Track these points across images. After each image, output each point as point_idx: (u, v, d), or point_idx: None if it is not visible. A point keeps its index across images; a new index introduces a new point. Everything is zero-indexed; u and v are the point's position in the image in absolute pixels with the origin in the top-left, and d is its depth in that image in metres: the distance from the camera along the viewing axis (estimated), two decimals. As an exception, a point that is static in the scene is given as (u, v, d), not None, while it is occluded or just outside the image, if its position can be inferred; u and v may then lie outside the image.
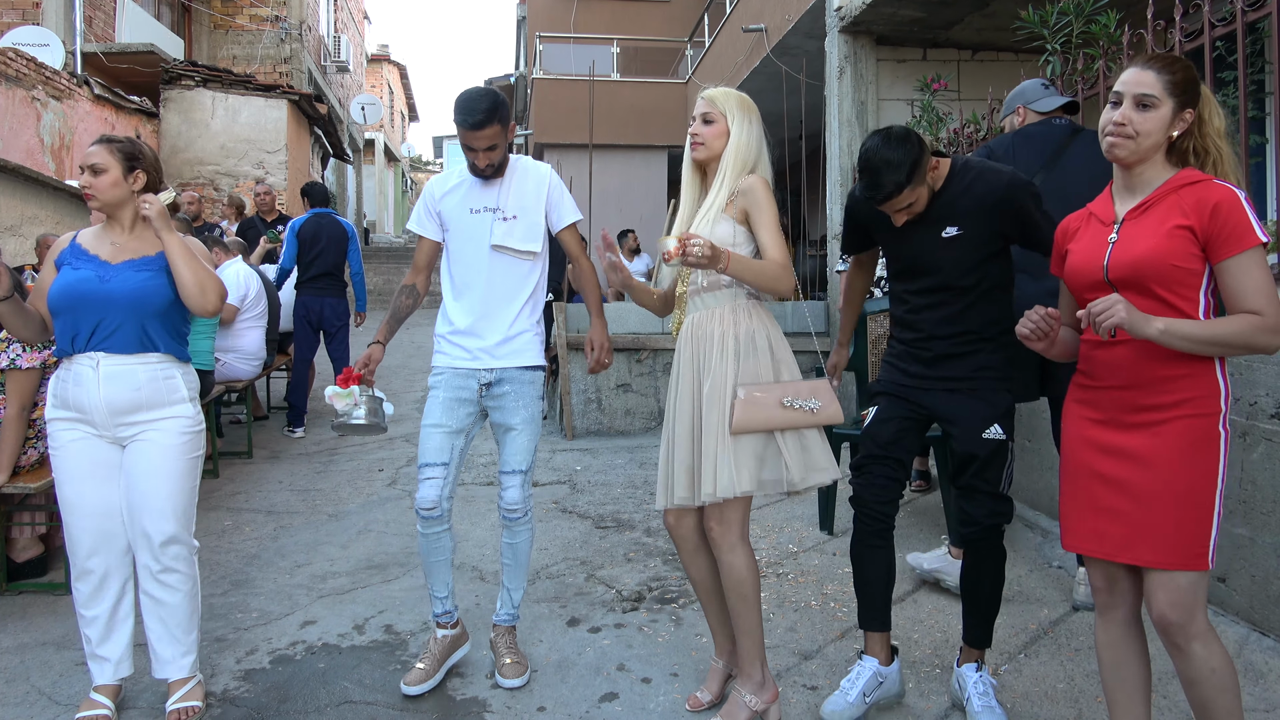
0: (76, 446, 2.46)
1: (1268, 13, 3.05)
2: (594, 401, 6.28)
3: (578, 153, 13.11)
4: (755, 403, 2.27)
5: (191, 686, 2.51)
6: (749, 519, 2.41)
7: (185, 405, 2.52)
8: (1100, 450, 1.92)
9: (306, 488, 4.95)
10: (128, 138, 2.58)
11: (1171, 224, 1.79)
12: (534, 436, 2.73)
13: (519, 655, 2.75)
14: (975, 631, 2.46)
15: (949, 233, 2.33)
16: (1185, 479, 1.81)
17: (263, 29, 14.29)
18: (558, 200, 2.76)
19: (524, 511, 2.72)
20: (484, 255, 2.68)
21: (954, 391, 2.39)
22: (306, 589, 3.47)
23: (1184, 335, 1.75)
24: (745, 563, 2.36)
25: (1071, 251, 1.98)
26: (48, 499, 3.57)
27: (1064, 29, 4.18)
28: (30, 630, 3.09)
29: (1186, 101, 1.82)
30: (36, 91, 8.42)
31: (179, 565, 2.48)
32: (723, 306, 2.39)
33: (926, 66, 6.75)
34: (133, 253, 2.51)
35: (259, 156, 11.08)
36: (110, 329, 2.42)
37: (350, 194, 21.23)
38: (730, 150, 2.39)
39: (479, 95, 2.57)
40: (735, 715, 2.39)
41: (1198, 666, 1.80)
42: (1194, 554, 1.80)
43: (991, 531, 2.39)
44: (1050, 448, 3.89)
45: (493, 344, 2.68)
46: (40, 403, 3.38)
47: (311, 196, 6.51)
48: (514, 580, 2.80)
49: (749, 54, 9.69)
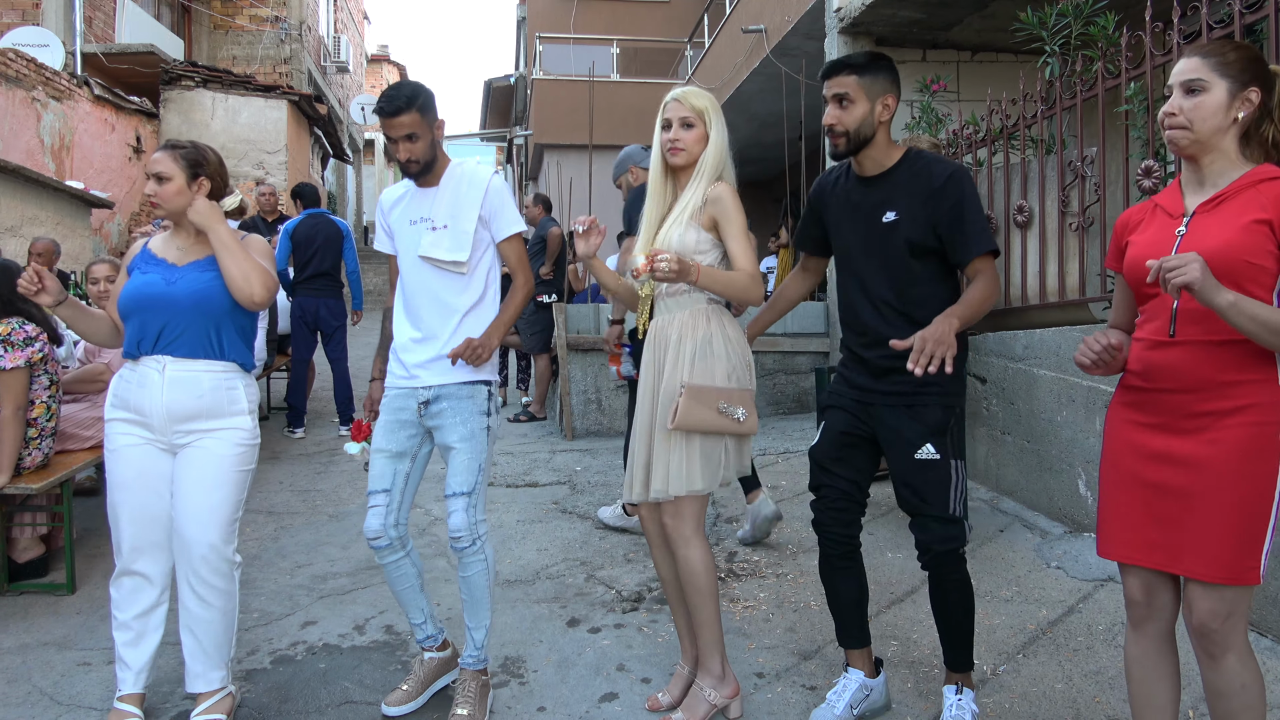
0: (131, 452, 2.45)
1: (1265, 15, 3.06)
2: (594, 402, 6.29)
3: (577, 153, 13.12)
4: (696, 401, 2.31)
5: (218, 699, 2.46)
6: (705, 515, 2.47)
7: (244, 417, 2.49)
8: (1149, 457, 1.83)
9: (307, 488, 4.96)
10: (192, 143, 2.56)
11: (1249, 218, 1.70)
12: (476, 455, 2.48)
13: (474, 707, 2.46)
14: (950, 654, 2.37)
15: (888, 217, 2.30)
16: (1240, 489, 1.72)
17: (262, 29, 14.30)
18: (497, 209, 2.56)
19: (471, 539, 2.45)
20: (418, 267, 2.54)
21: (893, 407, 2.30)
22: (307, 589, 3.48)
23: (1252, 315, 1.63)
24: (700, 556, 2.39)
25: (1133, 243, 1.88)
26: (49, 500, 3.59)
27: (1062, 31, 4.19)
28: (32, 631, 3.10)
29: (1247, 81, 1.73)
30: (36, 92, 8.43)
31: (217, 580, 2.43)
32: (683, 311, 2.43)
33: (926, 67, 6.76)
34: (197, 255, 2.52)
35: (259, 157, 11.10)
36: (176, 332, 2.42)
37: (350, 194, 21.25)
38: (709, 155, 2.41)
39: (400, 84, 2.47)
40: (696, 710, 2.42)
41: (1229, 680, 1.74)
42: (1245, 567, 1.71)
43: (948, 557, 2.29)
44: (1049, 448, 3.90)
45: (427, 359, 2.51)
46: (36, 403, 3.39)
47: (304, 198, 6.53)
48: (475, 618, 2.53)
49: (749, 55, 9.70)
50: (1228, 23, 3.19)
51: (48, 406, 3.45)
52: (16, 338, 3.25)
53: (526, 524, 4.27)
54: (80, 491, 4.52)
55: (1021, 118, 4.35)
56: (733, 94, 10.41)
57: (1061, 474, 3.83)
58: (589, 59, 14.11)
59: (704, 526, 2.45)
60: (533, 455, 5.66)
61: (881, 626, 3.05)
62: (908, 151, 2.35)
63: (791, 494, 4.59)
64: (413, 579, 2.58)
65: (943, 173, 2.26)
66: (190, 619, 2.44)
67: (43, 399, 3.43)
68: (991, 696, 2.58)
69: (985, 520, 4.02)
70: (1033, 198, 4.26)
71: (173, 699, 2.63)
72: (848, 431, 2.39)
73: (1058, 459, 3.86)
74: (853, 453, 2.39)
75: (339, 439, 6.13)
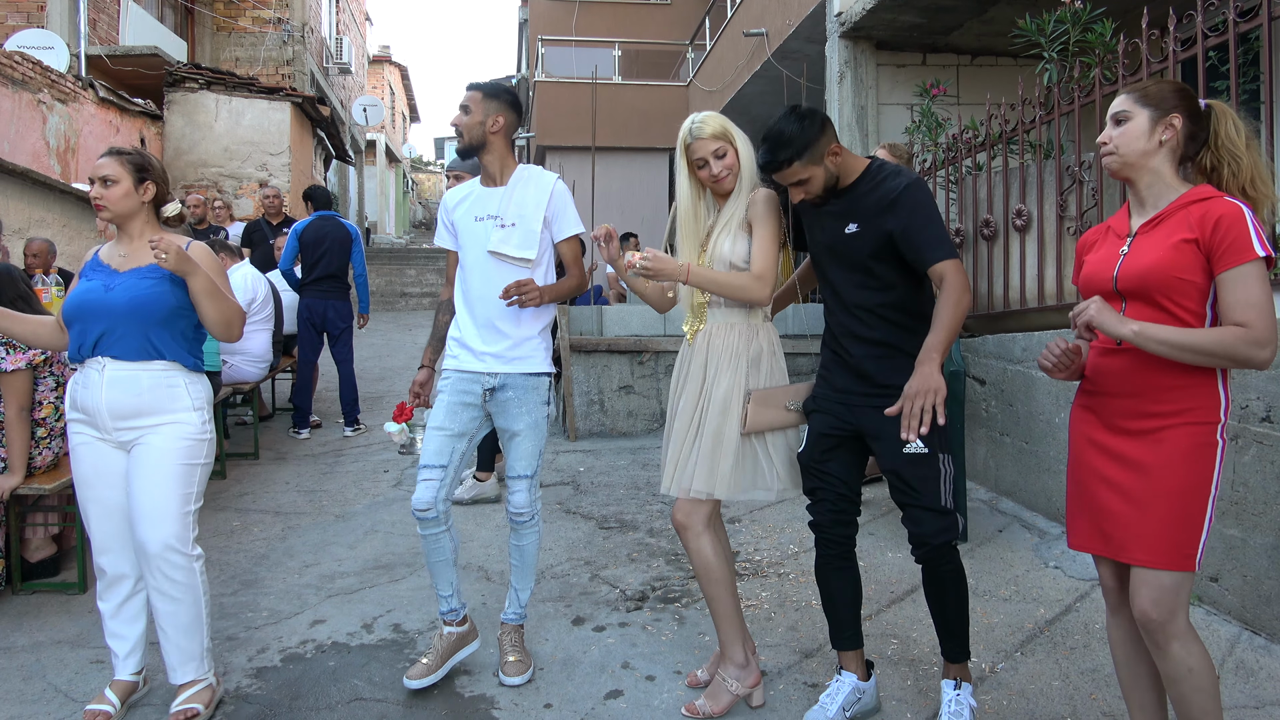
0: (84, 450, 2.53)
1: (1259, 23, 3.10)
2: (596, 403, 6.34)
3: (580, 155, 13.17)
4: (763, 405, 2.47)
5: (198, 690, 2.52)
6: (716, 512, 2.60)
7: (189, 414, 2.52)
8: (1104, 453, 1.97)
9: (313, 488, 5.01)
10: (136, 149, 2.63)
11: (1178, 237, 1.85)
12: (538, 441, 2.76)
13: (523, 654, 2.80)
14: (947, 645, 2.42)
15: (850, 229, 2.36)
16: (1179, 482, 1.85)
17: (265, 31, 14.34)
18: (560, 210, 2.79)
19: (530, 515, 2.78)
20: (484, 261, 2.73)
21: (878, 407, 2.32)
22: (315, 589, 3.52)
23: (1159, 339, 1.80)
24: (711, 548, 2.52)
25: (1087, 262, 2.05)
26: (60, 500, 3.63)
27: (1061, 37, 4.23)
28: (45, 629, 3.15)
29: (1168, 109, 1.90)
30: (42, 95, 8.48)
31: (176, 574, 2.46)
32: (739, 321, 2.54)
33: (926, 71, 6.81)
34: (138, 262, 2.54)
35: (262, 159, 11.13)
36: (115, 337, 2.47)
37: (352, 195, 21.28)
38: (746, 167, 2.52)
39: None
40: (718, 698, 2.52)
41: (1175, 665, 1.85)
42: (1182, 555, 1.84)
43: (943, 550, 2.34)
44: (1047, 449, 3.95)
45: (496, 350, 2.72)
46: (44, 403, 3.44)
47: (314, 200, 6.57)
48: (521, 580, 2.85)
49: (750, 58, 9.75)
50: (1222, 30, 3.24)
51: (55, 407, 3.50)
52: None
53: (531, 524, 4.31)
54: (89, 492, 4.57)
55: (1020, 123, 4.39)
56: (734, 97, 10.46)
57: (1059, 475, 3.87)
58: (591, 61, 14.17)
59: (720, 522, 2.58)
60: (536, 456, 5.70)
61: (881, 625, 3.10)
62: (870, 164, 2.41)
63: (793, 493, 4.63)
64: (448, 553, 2.74)
65: (897, 186, 2.31)
66: (157, 614, 2.50)
67: (50, 400, 3.47)
68: (990, 694, 2.62)
69: (984, 520, 4.07)
70: (1031, 202, 4.30)
71: (159, 691, 2.66)
72: (828, 433, 2.45)
73: (1056, 460, 3.90)
74: (838, 453, 2.45)
75: (343, 440, 6.18)
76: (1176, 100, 1.92)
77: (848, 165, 2.39)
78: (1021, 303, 4.42)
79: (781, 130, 2.29)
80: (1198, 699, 1.86)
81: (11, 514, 3.46)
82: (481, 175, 2.84)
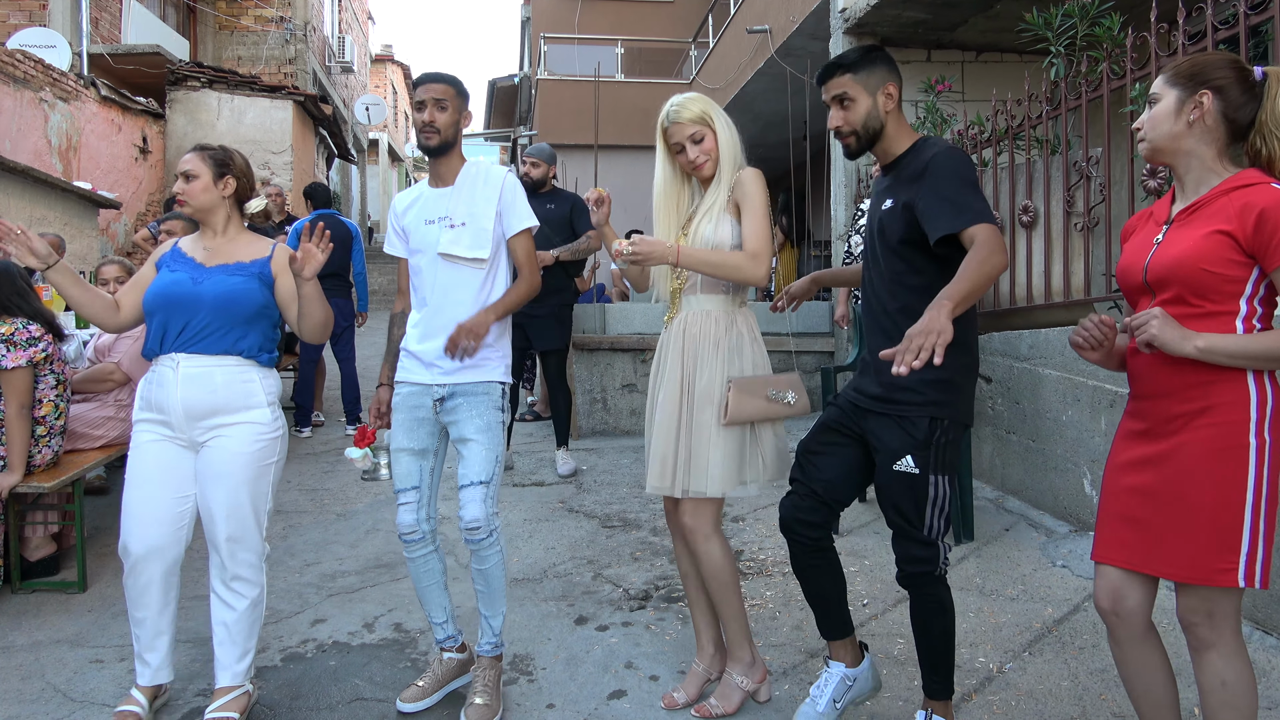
0: (152, 448, 2.48)
1: (1270, 16, 3.07)
2: (599, 402, 6.31)
3: (583, 153, 13.14)
4: (744, 393, 2.37)
5: (234, 696, 2.47)
6: (721, 512, 2.53)
7: (262, 410, 2.51)
8: (1132, 459, 1.85)
9: (315, 487, 4.98)
10: (220, 146, 2.65)
11: (1212, 228, 1.71)
12: (493, 447, 2.52)
13: (493, 698, 2.51)
14: (925, 678, 2.26)
15: (887, 204, 2.22)
16: (1207, 491, 1.71)
17: (267, 30, 14.33)
18: (510, 203, 2.61)
19: (488, 530, 2.48)
20: (436, 265, 2.57)
21: (884, 415, 2.18)
22: (316, 587, 3.50)
23: (1229, 352, 1.66)
24: (720, 550, 2.45)
25: (1124, 251, 1.93)
26: (60, 498, 3.62)
27: (1068, 31, 4.20)
28: (44, 628, 3.13)
29: (1195, 86, 1.76)
30: (44, 93, 8.46)
31: (245, 572, 2.48)
32: (716, 309, 2.46)
33: (931, 68, 6.77)
34: (226, 257, 2.57)
35: (264, 157, 11.11)
36: (197, 330, 2.46)
37: (355, 194, 21.29)
38: (725, 151, 2.44)
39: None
40: (729, 696, 2.48)
41: (1208, 675, 1.76)
42: (1216, 569, 1.70)
43: (920, 580, 2.17)
44: (1054, 447, 3.91)
45: (442, 357, 2.54)
46: (44, 401, 3.42)
47: (314, 198, 6.56)
48: (491, 607, 2.59)
49: (753, 55, 9.71)
50: (1232, 24, 3.20)
51: (56, 405, 3.48)
52: (20, 337, 3.28)
53: (533, 523, 4.29)
54: (90, 490, 4.55)
55: (1027, 118, 4.36)
56: (737, 94, 10.42)
57: (1067, 473, 3.84)
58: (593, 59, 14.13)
59: (720, 523, 2.51)
60: (539, 455, 5.68)
61: (887, 625, 3.07)
62: (919, 139, 2.25)
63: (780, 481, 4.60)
64: (438, 574, 2.64)
65: (930, 152, 2.13)
66: (220, 609, 2.48)
67: (50, 398, 3.45)
68: (998, 694, 2.59)
69: (991, 519, 4.03)
70: (1038, 198, 4.27)
71: (185, 695, 2.65)
72: (832, 425, 2.33)
73: (1063, 458, 3.87)
74: (835, 449, 2.30)
75: (346, 439, 6.16)
76: (1210, 74, 1.76)
77: (898, 130, 2.24)
78: (1028, 299, 4.39)
79: (854, 47, 2.25)
80: (1226, 715, 1.75)
81: (11, 512, 3.44)
82: (430, 176, 2.68)
